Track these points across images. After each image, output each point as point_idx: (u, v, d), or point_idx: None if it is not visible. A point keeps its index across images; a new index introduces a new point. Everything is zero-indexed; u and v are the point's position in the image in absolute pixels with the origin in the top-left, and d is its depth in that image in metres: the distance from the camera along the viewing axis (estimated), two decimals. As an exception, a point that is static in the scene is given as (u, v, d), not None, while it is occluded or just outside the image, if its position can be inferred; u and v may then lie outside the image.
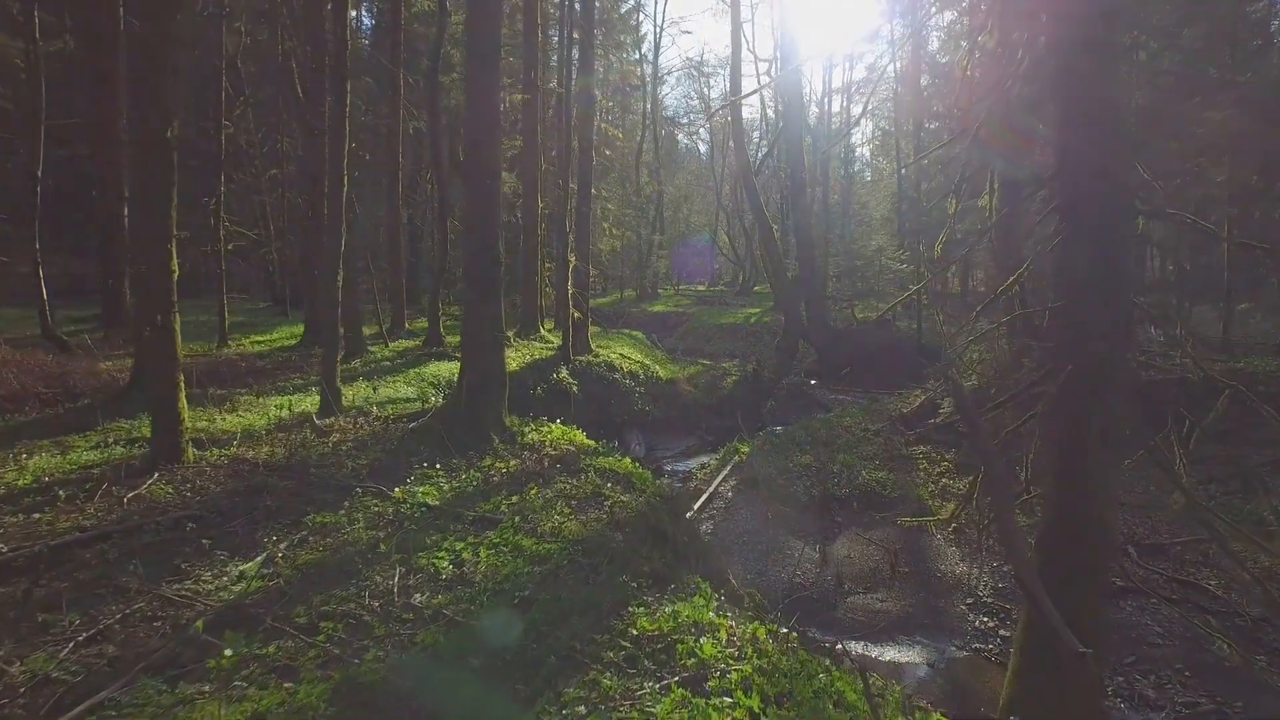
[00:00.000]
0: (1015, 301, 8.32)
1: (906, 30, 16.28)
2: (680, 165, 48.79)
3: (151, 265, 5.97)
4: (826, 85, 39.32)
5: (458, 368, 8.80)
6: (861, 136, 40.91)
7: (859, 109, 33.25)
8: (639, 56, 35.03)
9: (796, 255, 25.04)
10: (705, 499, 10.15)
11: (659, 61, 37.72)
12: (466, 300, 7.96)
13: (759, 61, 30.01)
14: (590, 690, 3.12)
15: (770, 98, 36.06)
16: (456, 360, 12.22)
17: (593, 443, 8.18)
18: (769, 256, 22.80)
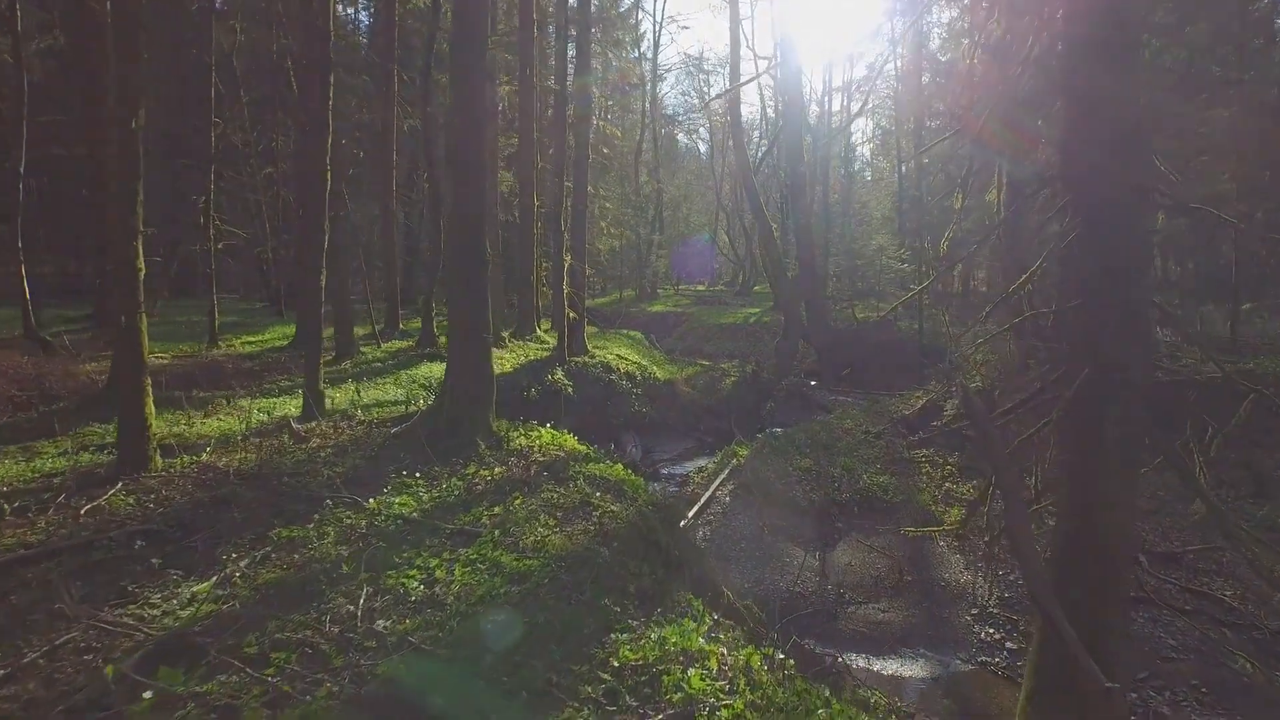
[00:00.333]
0: (1024, 302, 8.02)
1: (906, 26, 16.00)
2: (680, 164, 48.49)
3: (116, 263, 5.68)
4: (827, 84, 39.11)
5: (448, 370, 8.43)
6: (862, 136, 40.67)
7: (859, 105, 32.96)
8: (638, 55, 34.76)
9: (796, 255, 24.77)
10: (702, 505, 9.85)
11: (658, 59, 37.47)
12: (451, 300, 7.66)
13: (758, 59, 29.68)
14: (565, 731, 2.82)
15: (770, 95, 35.80)
16: (448, 361, 11.92)
17: (584, 448, 7.88)
18: (769, 256, 22.54)
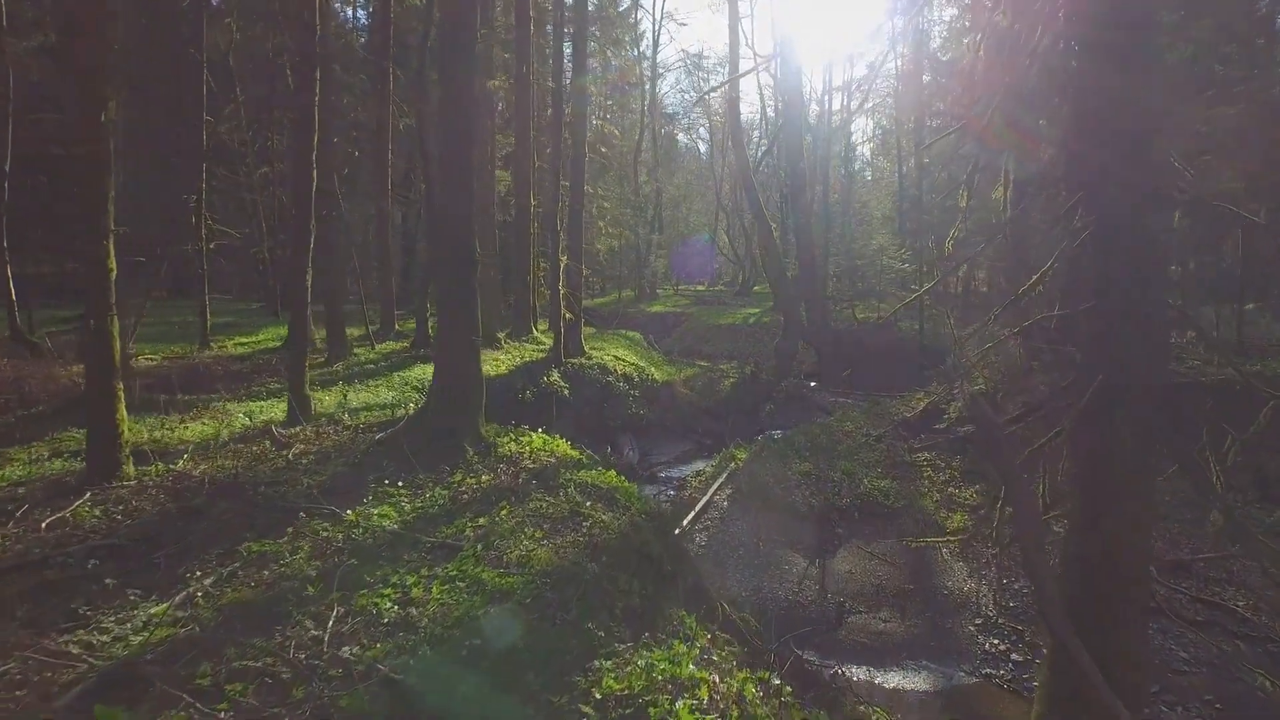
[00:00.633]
0: (1031, 305, 7.78)
1: (906, 23, 15.77)
2: (679, 164, 48.25)
3: (86, 262, 5.45)
4: (827, 83, 38.76)
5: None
6: (862, 135, 40.40)
7: (859, 105, 32.72)
8: (637, 54, 34.51)
9: (796, 255, 24.55)
10: (698, 510, 9.61)
11: (657, 58, 37.23)
12: (439, 301, 7.43)
13: (758, 58, 29.44)
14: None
15: (770, 95, 35.55)
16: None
17: (577, 453, 7.64)
18: (768, 256, 22.31)
